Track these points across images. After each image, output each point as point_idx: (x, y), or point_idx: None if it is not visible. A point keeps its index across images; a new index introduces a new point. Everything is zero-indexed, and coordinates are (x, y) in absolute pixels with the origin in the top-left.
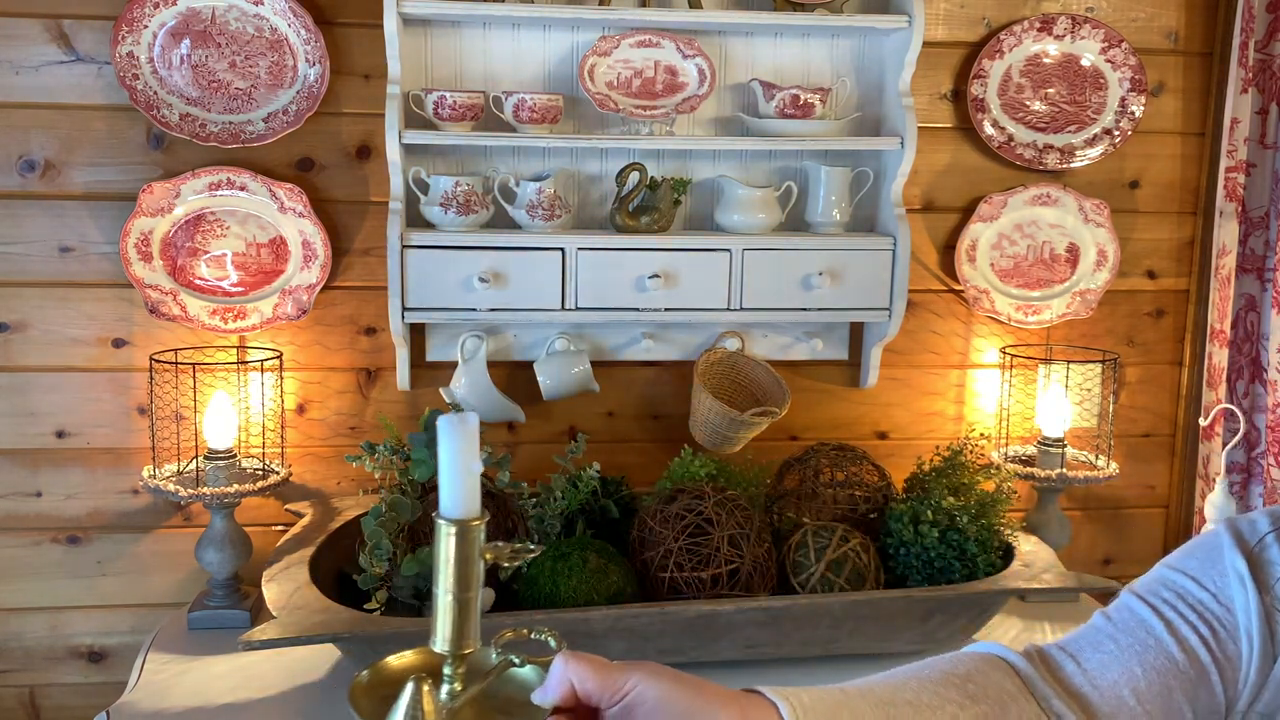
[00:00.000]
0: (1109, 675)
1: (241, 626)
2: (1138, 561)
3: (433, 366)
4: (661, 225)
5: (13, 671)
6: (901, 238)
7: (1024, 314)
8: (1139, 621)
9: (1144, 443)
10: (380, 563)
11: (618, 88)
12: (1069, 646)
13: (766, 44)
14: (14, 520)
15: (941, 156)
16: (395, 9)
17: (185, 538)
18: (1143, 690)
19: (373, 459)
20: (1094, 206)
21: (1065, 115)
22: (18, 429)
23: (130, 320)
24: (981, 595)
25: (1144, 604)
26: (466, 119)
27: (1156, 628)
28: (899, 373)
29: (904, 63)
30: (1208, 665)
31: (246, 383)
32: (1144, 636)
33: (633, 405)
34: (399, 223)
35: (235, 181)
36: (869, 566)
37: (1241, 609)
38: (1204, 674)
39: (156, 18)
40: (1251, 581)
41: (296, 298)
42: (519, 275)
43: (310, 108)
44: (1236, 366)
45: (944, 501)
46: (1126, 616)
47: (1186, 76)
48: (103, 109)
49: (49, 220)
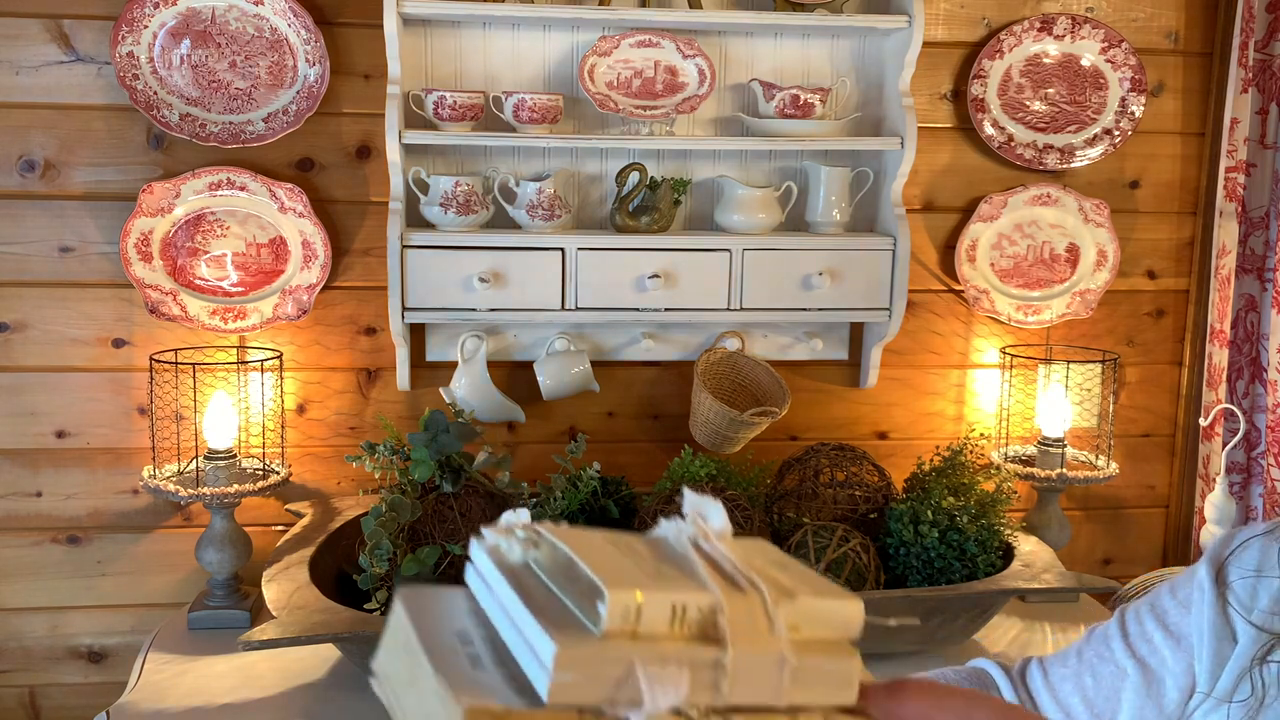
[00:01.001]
0: (1065, 686)
1: (241, 626)
2: (1138, 561)
3: (433, 366)
4: (661, 225)
5: (13, 671)
6: (901, 238)
7: (1024, 314)
8: (1103, 637)
9: (1144, 443)
10: (380, 563)
11: (618, 88)
12: (1047, 659)
13: (766, 44)
14: (14, 520)
15: (941, 156)
16: (395, 9)
17: (185, 538)
18: (1091, 698)
19: (373, 459)
20: (1094, 206)
21: (1065, 115)
22: (18, 429)
23: (130, 320)
24: (981, 595)
25: (1118, 620)
26: (466, 119)
27: (1115, 643)
28: (899, 373)
29: (904, 63)
30: (1157, 670)
31: (246, 383)
32: (1103, 650)
33: (633, 405)
34: (399, 223)
35: (235, 181)
36: (869, 566)
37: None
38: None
39: (156, 18)
40: (1211, 582)
41: (296, 298)
42: (519, 275)
43: (310, 108)
44: (1236, 366)
45: (944, 501)
46: (1100, 633)
47: (1186, 76)
48: (103, 109)
49: (49, 220)
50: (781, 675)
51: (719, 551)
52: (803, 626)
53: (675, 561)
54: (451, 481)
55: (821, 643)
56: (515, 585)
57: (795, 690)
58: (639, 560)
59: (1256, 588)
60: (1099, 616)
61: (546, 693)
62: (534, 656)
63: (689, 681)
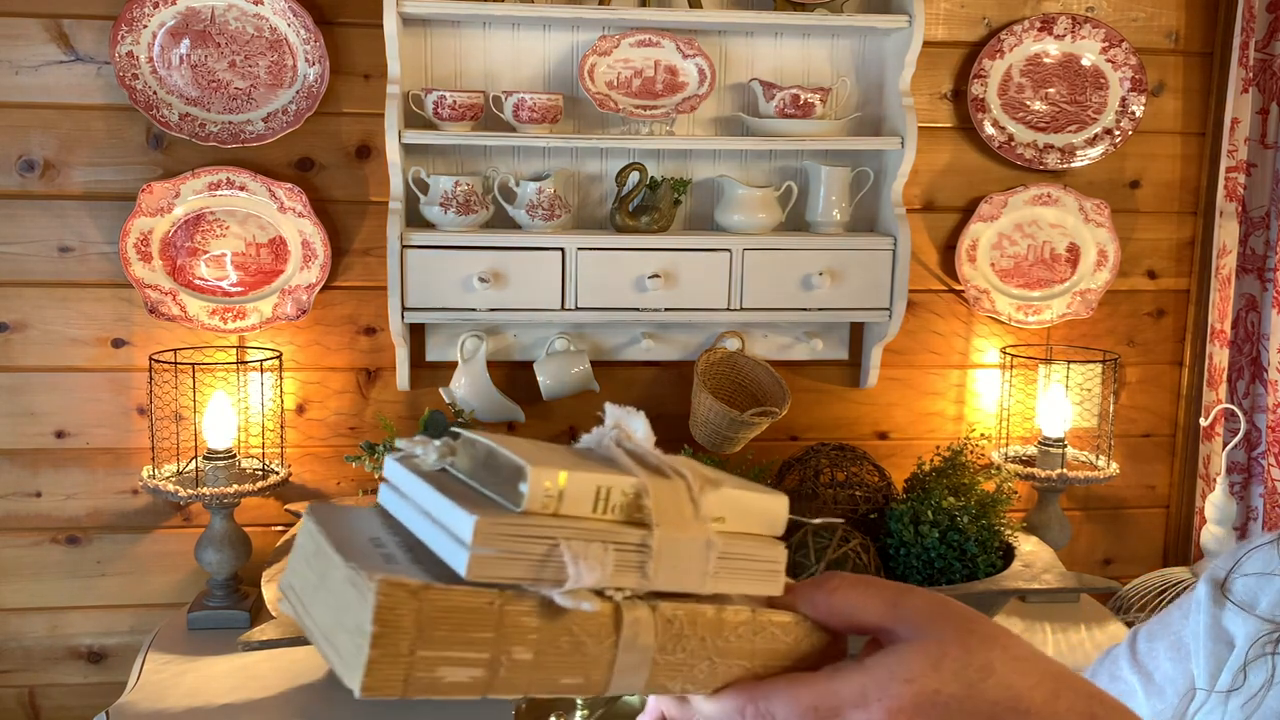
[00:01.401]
0: None
1: (241, 627)
2: (1138, 562)
3: (432, 366)
4: (661, 225)
5: (12, 671)
6: (902, 238)
7: (1024, 314)
8: (1114, 657)
9: (1144, 443)
10: None
11: (618, 87)
12: None
13: (766, 44)
14: (14, 520)
15: (942, 156)
16: (395, 9)
17: (185, 538)
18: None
19: (372, 459)
20: (1094, 206)
21: (1066, 115)
22: (17, 429)
23: (130, 320)
24: (981, 595)
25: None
26: (466, 119)
27: (1123, 662)
28: (899, 373)
29: (904, 62)
30: (1160, 681)
31: (246, 383)
32: (1114, 670)
33: (633, 405)
34: (399, 223)
35: (235, 181)
36: (869, 567)
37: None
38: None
39: (156, 17)
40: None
41: (296, 298)
42: (519, 275)
43: (310, 108)
44: (1237, 366)
45: (944, 502)
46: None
47: (1187, 76)
48: (102, 109)
49: (49, 220)
50: (707, 561)
51: (643, 448)
52: (728, 518)
53: (599, 457)
54: None
55: (748, 535)
56: (433, 485)
57: (721, 579)
58: (563, 454)
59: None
60: (1099, 617)
61: (465, 567)
62: (453, 539)
63: (614, 562)
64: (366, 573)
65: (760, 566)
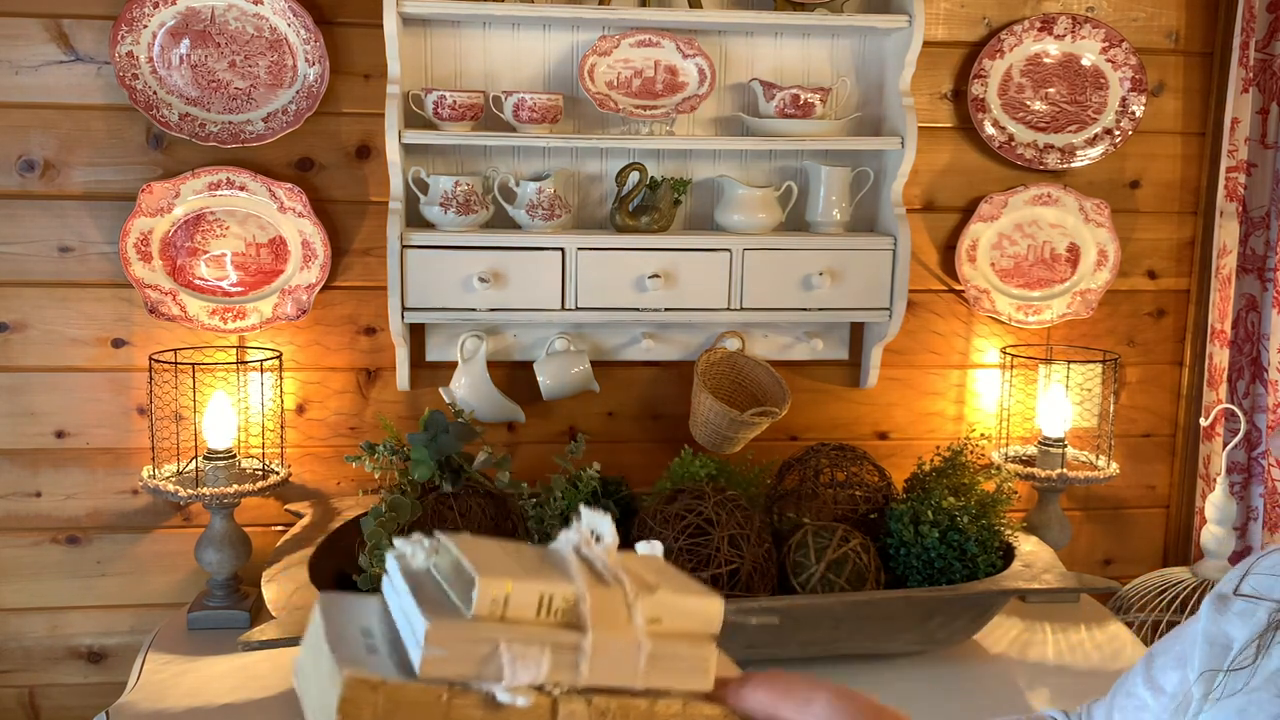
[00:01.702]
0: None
1: (241, 627)
2: (1138, 562)
3: (432, 366)
4: (661, 225)
5: (12, 672)
6: (902, 238)
7: (1024, 314)
8: (1130, 675)
9: (1144, 443)
10: (380, 563)
11: (618, 87)
12: (1094, 703)
13: (766, 44)
14: (14, 520)
15: (942, 156)
16: (395, 9)
17: (185, 538)
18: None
19: (372, 459)
20: (1094, 206)
21: (1066, 115)
22: (17, 429)
23: (130, 320)
24: (982, 596)
25: (1146, 657)
26: (466, 119)
27: (1138, 679)
28: (899, 373)
29: (904, 62)
30: (1174, 693)
31: (246, 383)
32: (1130, 687)
33: (633, 405)
34: (399, 223)
35: (235, 181)
36: (869, 567)
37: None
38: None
39: (156, 17)
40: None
41: (296, 298)
42: (519, 275)
43: (310, 108)
44: (1237, 366)
45: (944, 502)
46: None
47: (1187, 76)
48: (102, 109)
49: (49, 220)
50: (638, 659)
51: (595, 554)
52: (664, 619)
53: (555, 563)
54: (451, 482)
55: (683, 634)
56: (413, 584)
57: (652, 674)
58: (522, 560)
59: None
60: (1099, 617)
61: (419, 665)
62: (414, 638)
63: (550, 661)
64: (340, 666)
65: (689, 665)
